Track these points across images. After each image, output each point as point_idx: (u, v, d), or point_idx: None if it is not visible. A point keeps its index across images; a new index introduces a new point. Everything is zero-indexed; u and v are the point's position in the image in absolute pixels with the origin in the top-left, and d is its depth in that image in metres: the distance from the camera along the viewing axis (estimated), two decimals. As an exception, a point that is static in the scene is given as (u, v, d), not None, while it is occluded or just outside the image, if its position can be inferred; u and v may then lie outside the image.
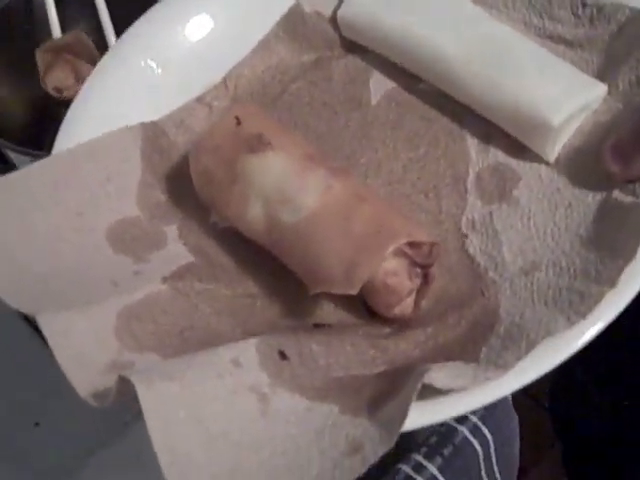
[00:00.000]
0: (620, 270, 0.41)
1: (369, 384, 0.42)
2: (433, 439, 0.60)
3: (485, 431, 0.61)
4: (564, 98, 0.49)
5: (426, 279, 0.46)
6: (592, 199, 0.47)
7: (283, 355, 0.42)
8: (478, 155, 0.52)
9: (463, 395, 0.39)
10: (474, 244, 0.48)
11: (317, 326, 0.47)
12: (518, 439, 0.65)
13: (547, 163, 0.50)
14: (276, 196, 0.48)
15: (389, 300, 0.45)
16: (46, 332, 0.43)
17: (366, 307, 0.47)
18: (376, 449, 0.37)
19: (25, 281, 0.46)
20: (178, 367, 0.40)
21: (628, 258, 0.41)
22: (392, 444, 0.36)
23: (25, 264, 0.47)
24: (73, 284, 0.47)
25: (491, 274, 0.47)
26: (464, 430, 0.60)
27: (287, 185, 0.48)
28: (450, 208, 0.50)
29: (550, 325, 0.41)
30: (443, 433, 0.60)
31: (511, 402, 0.65)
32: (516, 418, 0.65)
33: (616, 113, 0.49)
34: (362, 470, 0.36)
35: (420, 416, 0.39)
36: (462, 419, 0.61)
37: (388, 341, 0.45)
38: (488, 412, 0.62)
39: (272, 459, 0.38)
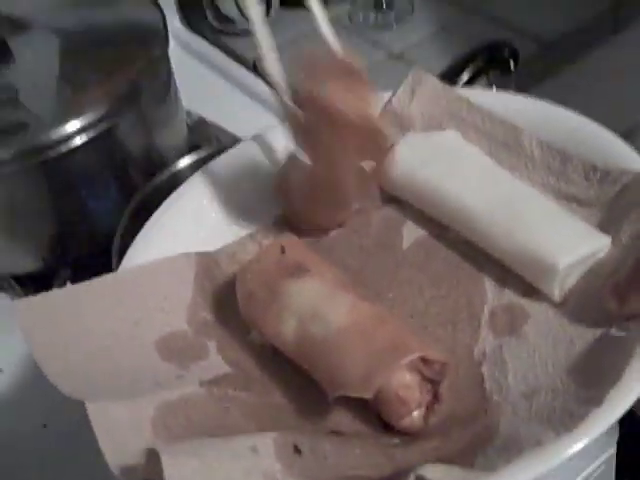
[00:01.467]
0: (605, 391, 0.45)
1: (374, 482, 0.46)
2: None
3: None
4: (571, 246, 0.55)
5: (436, 397, 0.51)
6: (592, 336, 0.51)
7: (297, 449, 0.47)
8: (494, 295, 0.57)
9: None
10: (483, 371, 0.53)
11: (333, 433, 0.51)
12: None
13: (555, 303, 0.55)
14: (308, 314, 0.54)
15: (400, 410, 0.50)
16: (91, 416, 0.49)
17: (380, 420, 0.52)
18: None
19: (79, 373, 0.52)
20: (201, 446, 0.45)
21: (614, 381, 0.45)
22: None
23: (81, 360, 0.53)
24: (121, 379, 0.53)
25: (496, 397, 0.51)
26: None
27: (319, 304, 0.54)
28: (464, 339, 0.55)
29: (541, 438, 0.44)
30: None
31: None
32: None
33: (618, 261, 0.54)
34: None
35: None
36: None
37: (396, 450, 0.49)
38: None
39: None
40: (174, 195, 0.66)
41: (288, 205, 0.65)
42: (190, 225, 0.65)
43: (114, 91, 0.62)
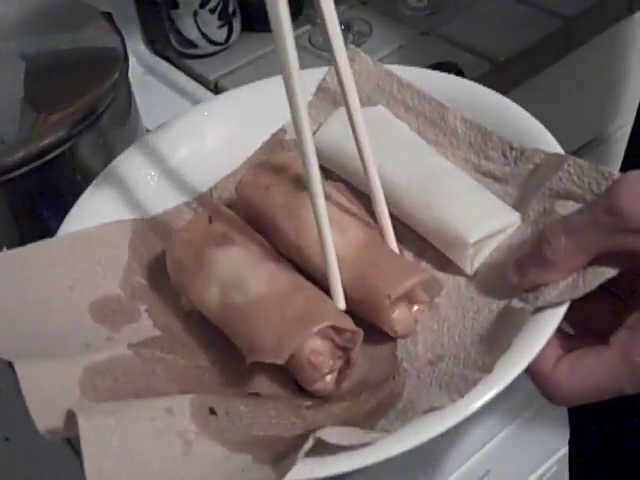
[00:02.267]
0: (496, 359, 0.48)
1: (284, 442, 0.49)
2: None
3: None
4: (482, 221, 0.58)
5: (348, 363, 0.54)
6: (496, 306, 0.54)
7: (212, 411, 0.50)
8: None
9: (352, 453, 0.46)
10: (397, 340, 0.56)
11: (251, 394, 0.55)
12: None
13: (467, 276, 0.58)
14: (230, 281, 0.57)
15: (312, 375, 0.53)
16: (19, 375, 0.51)
17: (296, 384, 0.55)
18: None
19: (10, 335, 0.55)
20: (118, 407, 0.48)
21: (503, 350, 0.48)
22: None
23: (13, 322, 0.56)
24: (52, 341, 0.55)
25: (405, 364, 0.54)
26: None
27: (242, 272, 0.57)
28: None
29: (435, 402, 0.48)
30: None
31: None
32: None
33: (526, 237, 0.57)
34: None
35: (310, 470, 0.46)
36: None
37: (308, 411, 0.52)
38: None
39: None
40: (111, 166, 0.68)
41: None
42: (127, 194, 0.67)
43: (73, 114, 0.64)
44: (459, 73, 0.95)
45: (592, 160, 0.56)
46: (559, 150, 0.59)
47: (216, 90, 0.97)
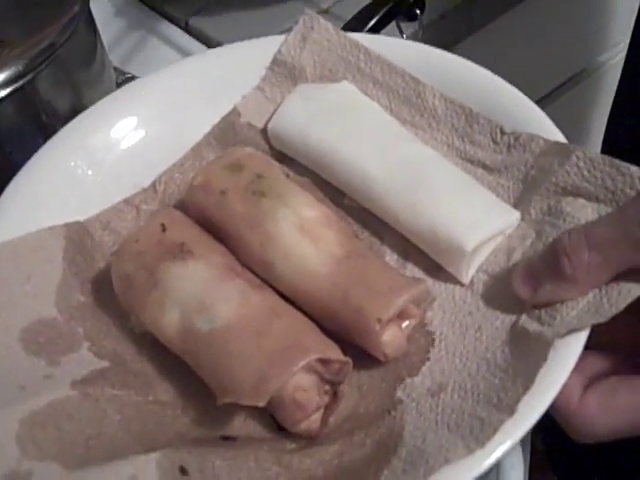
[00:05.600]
0: (519, 398, 0.41)
1: (269, 502, 0.42)
2: None
3: None
4: (479, 224, 0.50)
5: (335, 396, 0.47)
6: (500, 323, 0.48)
7: (184, 471, 0.42)
8: None
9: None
10: (387, 364, 0.49)
11: (225, 438, 0.47)
12: None
13: (461, 284, 0.51)
14: (193, 304, 0.48)
15: (296, 415, 0.45)
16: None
17: (275, 421, 0.48)
18: None
19: None
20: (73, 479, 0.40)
21: (527, 386, 0.42)
22: None
23: None
24: (-22, 387, 0.46)
25: (399, 394, 0.47)
26: None
27: (204, 294, 0.48)
28: None
29: (449, 452, 0.41)
30: None
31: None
32: None
33: (528, 239, 0.50)
34: None
35: None
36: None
37: (293, 457, 0.45)
38: None
39: None
40: (39, 153, 0.58)
41: None
42: (58, 190, 0.57)
43: (32, 47, 0.64)
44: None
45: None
46: (559, 136, 0.52)
47: (186, 27, 0.89)
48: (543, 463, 1.03)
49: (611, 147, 0.92)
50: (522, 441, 0.43)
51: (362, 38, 0.60)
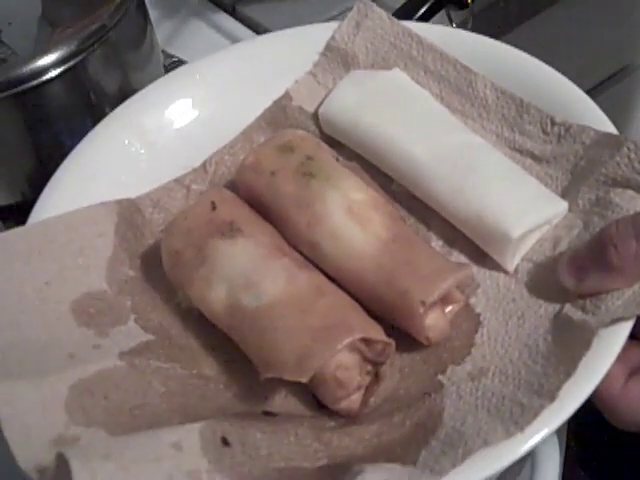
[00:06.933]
0: (560, 385, 0.42)
1: (308, 477, 0.43)
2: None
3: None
4: (526, 212, 0.50)
5: (377, 377, 0.47)
6: (544, 311, 0.48)
7: (225, 441, 0.43)
8: None
9: (396, 497, 0.39)
10: (430, 348, 0.49)
11: (266, 414, 0.47)
12: None
13: (506, 272, 0.51)
14: (240, 281, 0.49)
15: (337, 393, 0.46)
16: (-4, 401, 0.44)
17: (316, 399, 0.48)
18: None
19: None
20: (118, 446, 0.40)
21: (569, 373, 0.42)
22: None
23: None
24: (30, 354, 0.47)
25: (440, 377, 0.47)
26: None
27: (252, 271, 0.49)
28: None
29: (489, 435, 0.41)
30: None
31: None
32: None
33: (575, 229, 0.50)
34: None
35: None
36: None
37: (332, 435, 0.45)
38: None
39: None
40: (92, 133, 0.59)
41: None
42: (111, 167, 0.58)
43: (85, 28, 0.65)
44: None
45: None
46: (611, 128, 0.52)
47: (233, 12, 0.91)
48: (573, 459, 1.03)
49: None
50: (558, 432, 0.44)
51: (413, 26, 0.61)
